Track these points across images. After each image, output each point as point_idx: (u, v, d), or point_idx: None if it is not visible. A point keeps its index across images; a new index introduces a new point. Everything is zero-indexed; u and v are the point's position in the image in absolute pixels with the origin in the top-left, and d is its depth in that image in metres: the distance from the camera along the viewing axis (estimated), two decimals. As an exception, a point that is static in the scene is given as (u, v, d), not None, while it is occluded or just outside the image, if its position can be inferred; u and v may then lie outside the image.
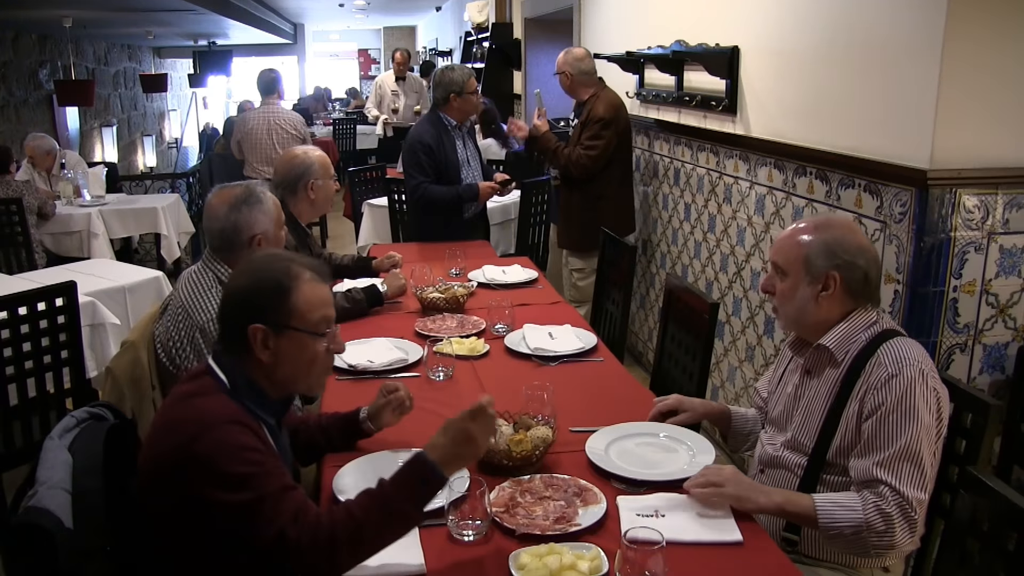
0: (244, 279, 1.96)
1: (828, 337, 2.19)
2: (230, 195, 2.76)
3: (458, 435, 1.83)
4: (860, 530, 1.97)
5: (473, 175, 5.00)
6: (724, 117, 4.22)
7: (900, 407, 2.02)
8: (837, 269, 2.16)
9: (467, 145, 5.04)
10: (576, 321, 3.41)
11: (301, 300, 1.92)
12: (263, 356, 1.90)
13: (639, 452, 2.30)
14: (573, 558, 1.78)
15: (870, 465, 2.02)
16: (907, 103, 2.90)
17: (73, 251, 6.47)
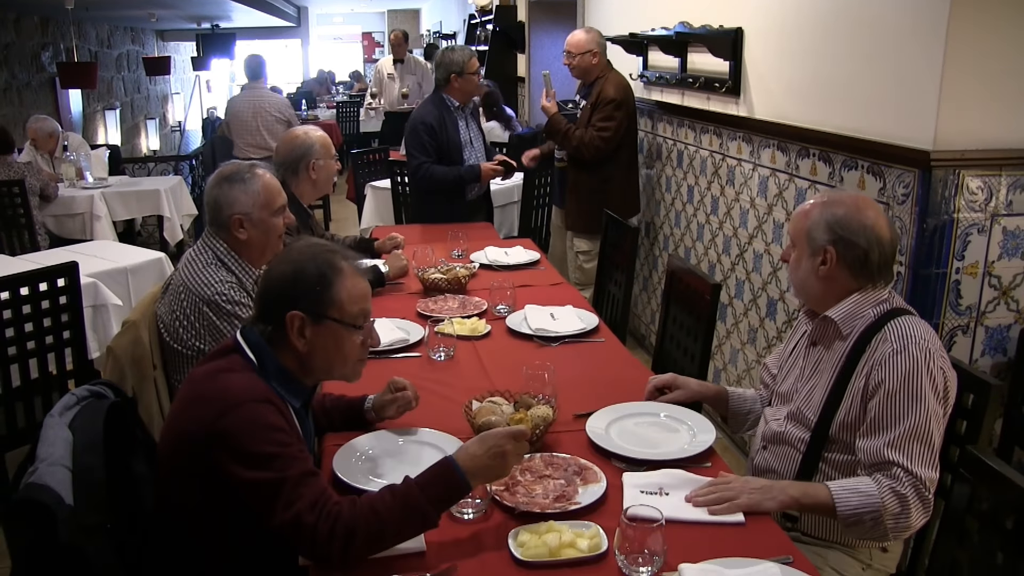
0: (287, 266, 1.96)
1: (835, 310, 2.20)
2: (222, 171, 2.80)
3: (495, 450, 1.84)
4: (878, 515, 1.97)
5: (476, 156, 4.98)
6: (727, 99, 4.21)
7: (907, 386, 2.02)
8: (833, 244, 2.16)
9: (470, 126, 5.02)
10: (578, 302, 3.40)
11: (343, 292, 1.93)
12: (298, 343, 1.91)
13: (640, 432, 2.30)
14: (572, 536, 1.79)
15: (880, 446, 2.02)
16: (911, 84, 2.88)
17: (76, 233, 6.47)
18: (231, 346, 1.95)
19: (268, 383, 1.89)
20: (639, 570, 1.70)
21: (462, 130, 4.95)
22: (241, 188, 2.73)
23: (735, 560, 1.72)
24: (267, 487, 1.72)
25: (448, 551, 1.80)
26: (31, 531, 1.67)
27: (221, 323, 2.63)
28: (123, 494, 1.85)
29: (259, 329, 1.94)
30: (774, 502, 1.98)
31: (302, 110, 13.92)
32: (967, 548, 1.77)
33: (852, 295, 2.19)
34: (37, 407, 3.55)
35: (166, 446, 1.87)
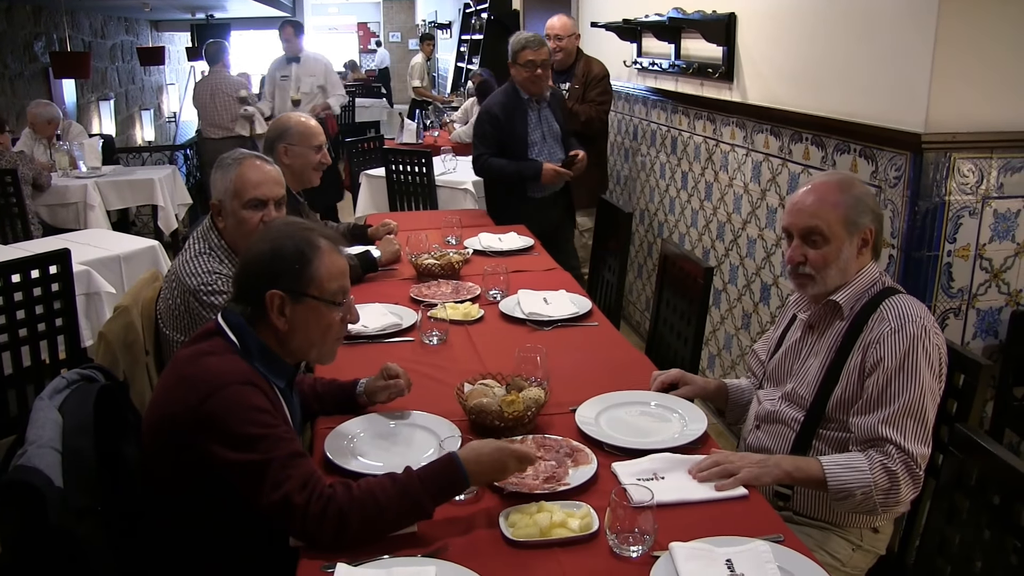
0: (265, 244, 1.96)
1: (840, 294, 2.20)
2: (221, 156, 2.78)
3: (499, 459, 1.85)
4: (868, 491, 1.99)
5: (547, 154, 4.62)
6: (721, 84, 4.20)
7: (904, 364, 2.03)
8: (873, 222, 2.17)
9: (543, 121, 4.65)
10: (571, 287, 3.40)
11: (321, 270, 1.94)
12: (278, 322, 1.91)
13: (630, 421, 2.30)
14: (563, 516, 1.79)
15: (875, 423, 2.03)
16: (903, 67, 2.88)
17: (69, 223, 6.44)
18: (213, 329, 1.95)
19: (251, 364, 1.89)
20: (630, 549, 1.71)
21: (531, 125, 4.60)
22: (220, 174, 2.69)
23: (725, 539, 1.73)
24: (253, 469, 1.72)
25: (439, 531, 1.80)
26: (21, 513, 1.67)
27: (205, 313, 2.58)
28: (113, 477, 1.85)
29: (239, 310, 1.94)
30: (770, 476, 2.00)
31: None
32: (956, 525, 1.77)
33: (857, 275, 2.20)
34: (30, 394, 3.54)
35: (150, 428, 1.87)
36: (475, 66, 10.12)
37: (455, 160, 6.36)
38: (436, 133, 8.16)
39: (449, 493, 1.81)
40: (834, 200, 2.17)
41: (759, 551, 1.67)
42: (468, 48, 11.53)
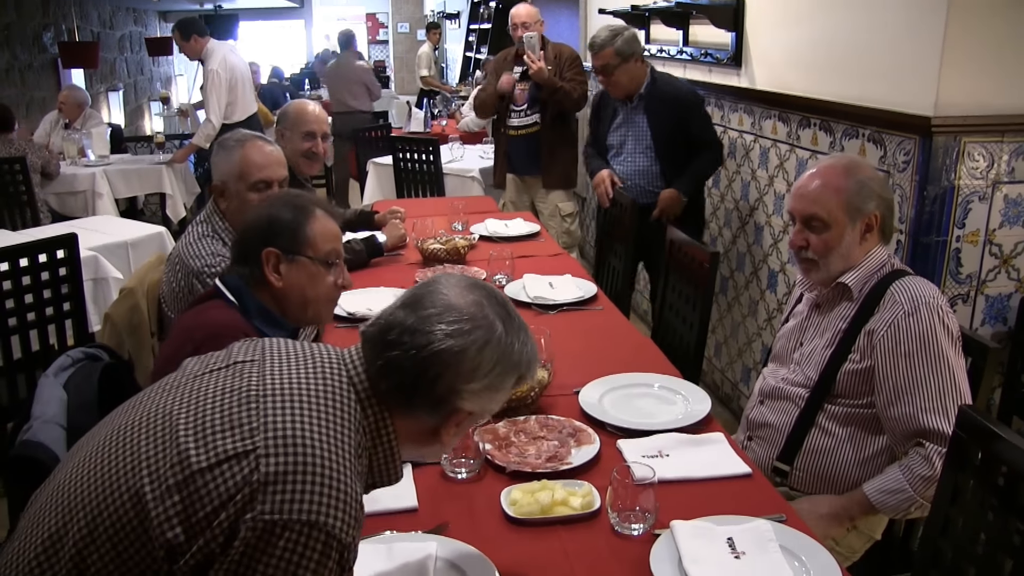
0: (262, 210, 2.09)
1: (848, 276, 2.19)
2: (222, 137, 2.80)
3: None
4: (915, 500, 2.02)
5: (625, 163, 4.23)
6: (729, 70, 4.18)
7: (928, 346, 2.03)
8: (877, 208, 2.16)
9: (630, 125, 4.20)
10: (577, 271, 3.39)
11: (315, 231, 2.04)
12: (273, 279, 2.00)
13: (633, 402, 2.30)
14: (565, 494, 1.79)
15: (916, 412, 2.02)
16: (912, 50, 2.85)
17: (78, 211, 6.46)
18: (212, 292, 2.05)
19: (251, 322, 1.93)
20: (631, 527, 1.70)
21: (614, 126, 4.28)
22: (223, 155, 2.68)
23: (727, 518, 1.72)
24: None
25: (441, 509, 1.80)
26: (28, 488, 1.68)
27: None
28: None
29: (237, 271, 2.04)
30: (832, 527, 2.10)
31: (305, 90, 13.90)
32: (960, 506, 1.76)
33: (865, 258, 2.18)
34: (38, 378, 3.53)
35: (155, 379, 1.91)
36: (483, 55, 10.10)
37: (463, 148, 6.36)
38: (444, 122, 8.16)
39: None
40: (837, 185, 2.16)
41: (761, 530, 1.67)
42: (476, 38, 11.50)
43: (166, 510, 1.16)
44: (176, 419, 1.25)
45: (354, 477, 1.23)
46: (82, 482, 1.26)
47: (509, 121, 5.24)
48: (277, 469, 1.16)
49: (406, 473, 1.91)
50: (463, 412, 1.33)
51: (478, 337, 1.29)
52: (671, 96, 4.06)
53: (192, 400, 1.28)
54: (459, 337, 1.28)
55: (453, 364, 1.28)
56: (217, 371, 1.34)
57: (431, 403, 1.31)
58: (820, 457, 2.19)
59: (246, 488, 1.15)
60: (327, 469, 1.19)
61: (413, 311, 1.31)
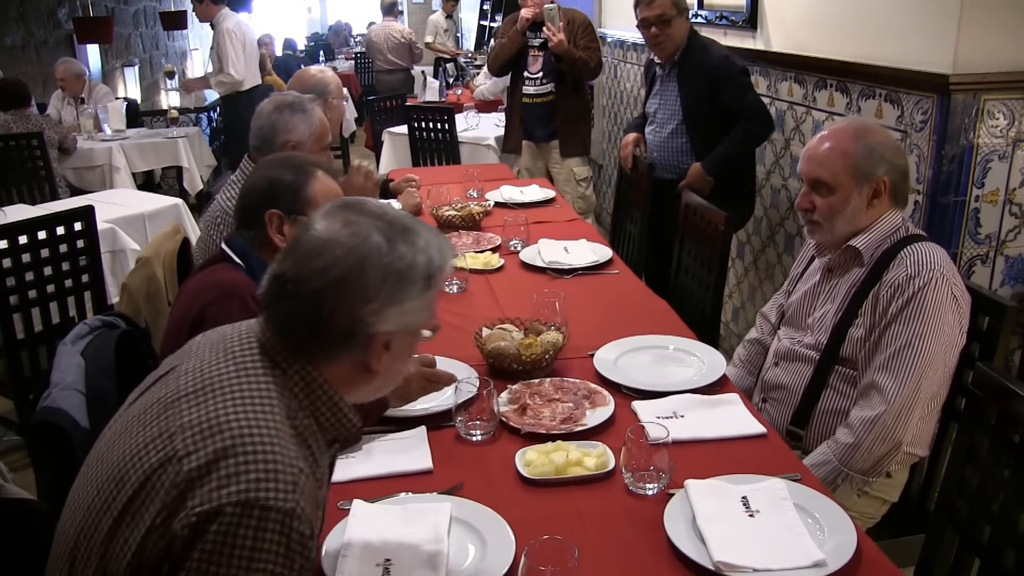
0: (262, 172, 2.11)
1: (859, 239, 2.18)
2: (280, 99, 2.80)
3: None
4: (839, 470, 2.07)
5: (655, 133, 4.03)
6: (745, 32, 4.13)
7: (912, 312, 2.02)
8: (888, 173, 2.13)
9: (663, 93, 3.98)
10: (592, 236, 3.38)
11: (315, 191, 2.06)
12: (277, 239, 2.02)
13: (648, 364, 2.29)
14: (579, 455, 1.79)
15: (875, 365, 2.06)
16: (930, 7, 2.81)
17: (95, 185, 6.49)
18: (218, 256, 2.07)
19: (257, 283, 1.93)
20: (645, 487, 1.71)
21: (654, 92, 4.06)
22: (302, 117, 2.74)
23: (742, 477, 1.72)
24: None
25: (456, 470, 1.81)
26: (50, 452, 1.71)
27: None
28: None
29: (241, 235, 2.07)
30: None
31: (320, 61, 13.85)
32: (975, 465, 1.75)
33: (876, 222, 2.16)
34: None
35: (166, 342, 1.97)
36: (497, 23, 10.03)
37: (478, 117, 6.34)
38: (459, 91, 8.12)
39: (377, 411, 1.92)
40: (844, 148, 2.14)
41: (775, 488, 1.67)
42: (491, 5, 11.42)
43: (121, 546, 1.15)
44: (112, 451, 1.24)
45: (286, 442, 1.20)
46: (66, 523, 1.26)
47: (524, 88, 5.22)
48: (199, 463, 1.14)
49: (421, 435, 1.93)
50: (381, 335, 1.28)
51: (355, 259, 1.26)
52: (701, 64, 3.75)
53: (125, 428, 1.27)
54: (335, 266, 1.25)
55: (339, 293, 1.24)
56: (146, 390, 1.33)
57: (342, 339, 1.27)
58: (833, 419, 2.19)
59: (174, 491, 1.13)
60: (248, 445, 1.16)
61: (291, 258, 1.29)
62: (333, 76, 3.61)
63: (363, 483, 1.77)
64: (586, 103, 5.35)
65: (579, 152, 5.26)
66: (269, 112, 2.76)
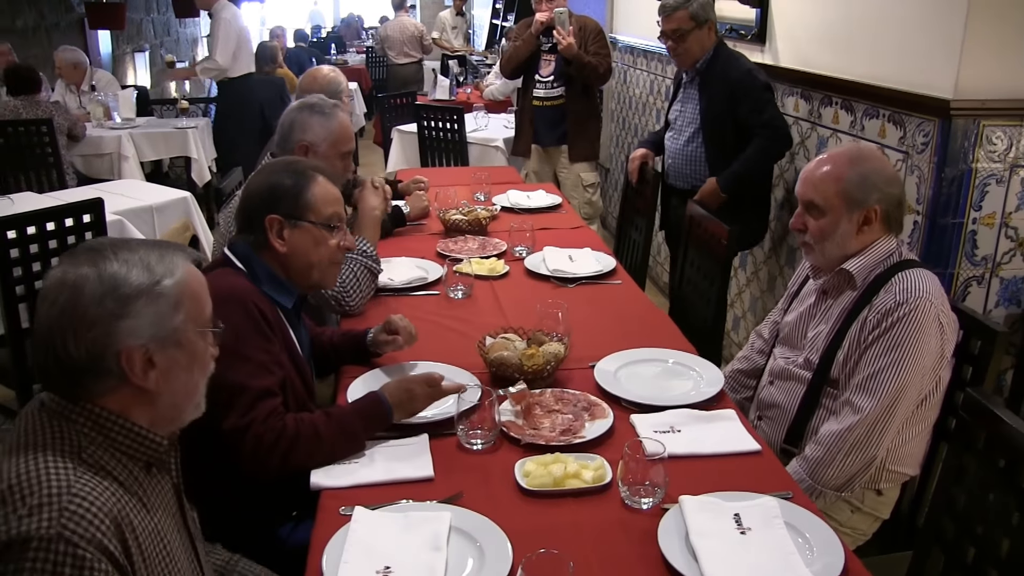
0: (263, 176, 2.14)
1: (852, 263, 2.22)
2: (308, 99, 2.87)
3: (406, 387, 2.04)
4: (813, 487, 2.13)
5: (672, 140, 4.04)
6: (753, 46, 4.17)
7: (893, 336, 2.07)
8: (879, 202, 2.17)
9: (684, 101, 3.97)
10: (596, 245, 3.42)
11: (316, 196, 2.10)
12: (277, 244, 2.05)
13: (648, 377, 2.33)
14: (578, 467, 1.84)
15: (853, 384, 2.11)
16: (934, 32, 2.86)
17: (104, 173, 6.52)
18: (220, 260, 2.10)
19: (260, 288, 2.03)
20: (641, 501, 1.76)
21: (677, 99, 4.05)
22: (320, 119, 2.79)
23: (735, 494, 1.77)
24: (231, 389, 1.83)
25: (456, 479, 1.86)
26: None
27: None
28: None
29: (243, 239, 2.10)
30: None
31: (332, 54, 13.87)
32: (963, 486, 1.80)
33: (869, 247, 2.21)
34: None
35: None
36: (509, 23, 10.06)
37: (487, 117, 6.37)
38: (469, 90, 8.16)
39: (377, 425, 1.98)
40: (838, 173, 2.19)
41: (767, 507, 1.71)
42: (504, 4, 11.44)
43: None
44: None
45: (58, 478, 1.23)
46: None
47: (535, 92, 5.27)
48: None
49: (423, 443, 1.97)
50: (125, 351, 1.32)
51: (67, 291, 1.30)
52: (723, 76, 3.73)
53: None
54: (52, 306, 1.30)
55: (64, 327, 1.30)
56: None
57: (93, 369, 1.32)
58: None
59: None
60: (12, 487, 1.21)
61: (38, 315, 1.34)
62: (343, 77, 3.68)
63: (365, 489, 1.82)
64: (595, 107, 5.41)
65: (587, 156, 5.30)
66: (292, 110, 2.83)
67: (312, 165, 2.19)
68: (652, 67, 5.83)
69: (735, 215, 3.44)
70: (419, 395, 2.03)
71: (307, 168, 2.15)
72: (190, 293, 1.41)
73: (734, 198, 3.69)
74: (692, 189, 3.83)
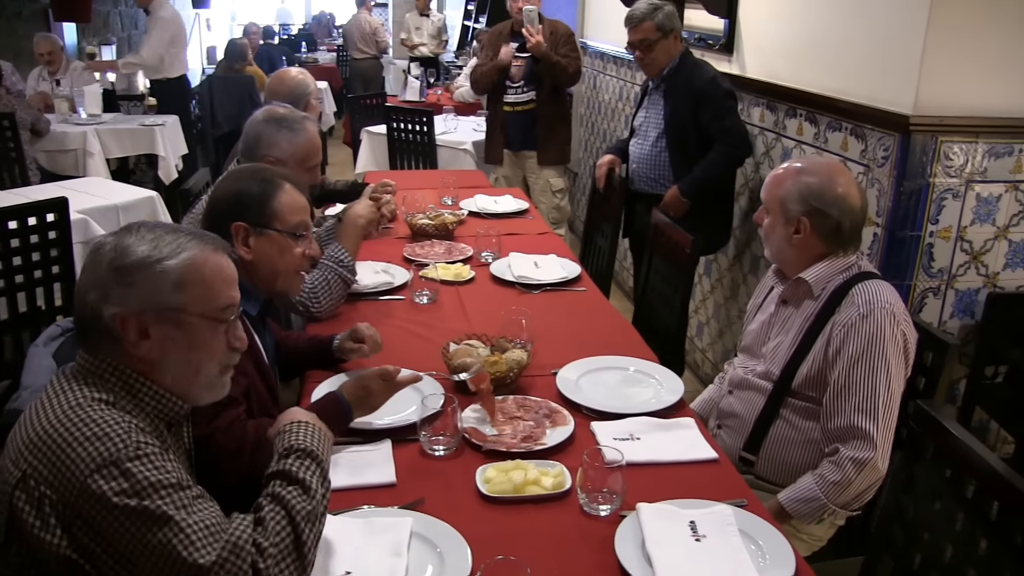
0: (230, 183, 2.14)
1: (808, 272, 2.27)
2: (273, 111, 2.85)
3: (362, 384, 2.04)
4: (826, 507, 2.13)
5: (637, 145, 4.07)
6: (721, 56, 4.22)
7: (872, 352, 2.10)
8: (807, 216, 2.23)
9: (652, 107, 4.01)
10: (562, 251, 3.45)
11: (283, 204, 2.10)
12: (243, 252, 2.05)
13: (609, 385, 2.37)
14: (538, 473, 1.86)
15: (848, 410, 2.11)
16: (895, 49, 2.92)
17: (68, 170, 6.43)
18: None
19: None
20: (599, 508, 1.79)
21: (643, 105, 4.09)
22: (287, 136, 2.76)
23: (691, 502, 1.80)
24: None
25: (418, 485, 1.88)
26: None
27: None
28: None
29: None
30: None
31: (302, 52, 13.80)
32: (912, 495, 1.85)
33: (824, 260, 2.26)
34: (25, 340, 3.56)
35: None
36: (481, 25, 10.08)
37: (456, 120, 6.39)
38: (439, 92, 8.17)
39: (338, 425, 1.97)
40: (781, 180, 2.28)
41: (722, 514, 1.75)
42: (476, 6, 11.46)
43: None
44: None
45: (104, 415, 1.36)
46: None
47: (506, 97, 5.30)
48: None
49: (386, 449, 1.99)
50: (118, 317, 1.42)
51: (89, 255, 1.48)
52: (688, 83, 3.80)
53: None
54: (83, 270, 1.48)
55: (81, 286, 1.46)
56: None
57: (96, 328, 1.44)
58: (783, 447, 2.29)
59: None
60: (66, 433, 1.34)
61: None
62: (312, 79, 3.66)
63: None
64: (566, 111, 5.48)
65: (556, 161, 5.36)
66: (259, 121, 2.80)
67: (279, 173, 2.20)
68: (622, 73, 5.88)
69: (699, 222, 3.51)
70: (376, 391, 2.03)
71: (274, 176, 2.16)
72: (198, 278, 1.49)
73: (698, 205, 3.75)
74: (656, 195, 3.89)
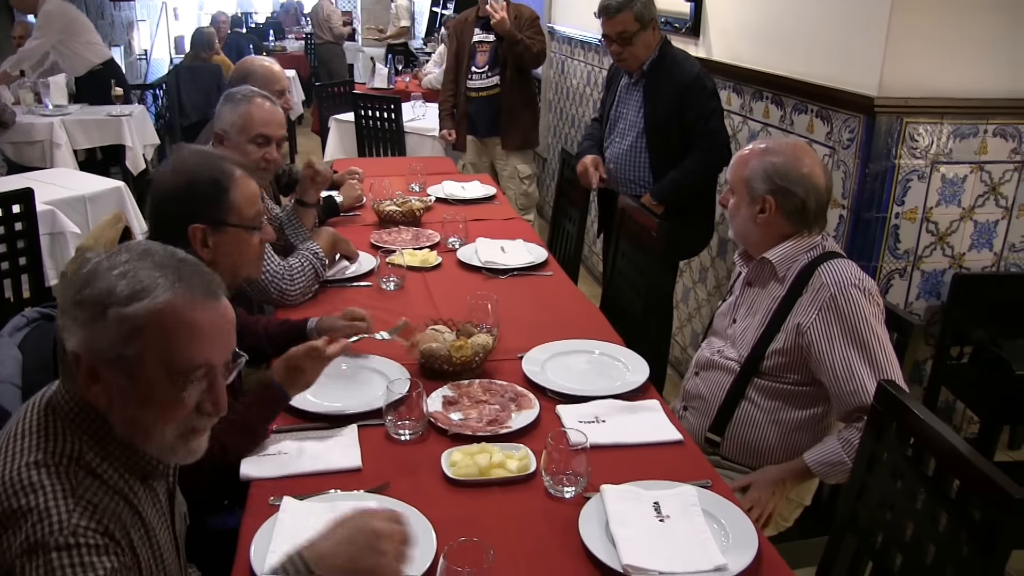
0: (180, 177, 2.03)
1: (772, 252, 2.28)
2: (230, 91, 2.84)
3: (290, 368, 1.99)
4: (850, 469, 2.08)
5: (614, 144, 3.78)
6: (687, 40, 4.23)
7: (860, 329, 2.11)
8: (772, 194, 2.24)
9: (626, 103, 3.73)
10: (529, 236, 3.45)
11: (239, 197, 2.03)
12: (203, 253, 1.97)
13: (574, 368, 2.38)
14: (503, 457, 1.87)
15: (860, 391, 2.09)
16: (859, 31, 2.93)
17: (35, 161, 6.36)
18: None
19: None
20: (564, 490, 1.79)
21: (619, 100, 3.78)
22: (229, 107, 2.77)
23: (655, 483, 1.81)
24: None
25: (384, 469, 1.88)
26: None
27: None
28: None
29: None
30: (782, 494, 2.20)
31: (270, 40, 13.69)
32: (875, 474, 1.86)
33: (788, 239, 2.27)
34: (-7, 331, 3.55)
35: None
36: (449, 11, 10.04)
37: (424, 107, 6.36)
38: (407, 79, 8.13)
39: (275, 408, 1.96)
40: (747, 160, 2.30)
41: (686, 495, 1.76)
42: (444, -8, 11.41)
43: None
44: None
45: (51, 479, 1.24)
46: None
47: (470, 83, 5.27)
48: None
49: (352, 433, 1.99)
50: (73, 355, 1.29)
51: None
52: (671, 79, 3.52)
53: None
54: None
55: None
56: None
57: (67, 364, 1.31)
58: (747, 429, 2.30)
59: None
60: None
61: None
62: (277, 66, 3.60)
63: (294, 480, 1.83)
64: (532, 97, 5.44)
65: (522, 146, 5.35)
66: (220, 100, 2.82)
67: (230, 161, 2.10)
68: (589, 58, 5.87)
69: (680, 224, 3.42)
70: (307, 368, 1.99)
71: (225, 166, 2.06)
72: (161, 330, 1.28)
73: (679, 208, 3.60)
74: (634, 197, 3.62)
